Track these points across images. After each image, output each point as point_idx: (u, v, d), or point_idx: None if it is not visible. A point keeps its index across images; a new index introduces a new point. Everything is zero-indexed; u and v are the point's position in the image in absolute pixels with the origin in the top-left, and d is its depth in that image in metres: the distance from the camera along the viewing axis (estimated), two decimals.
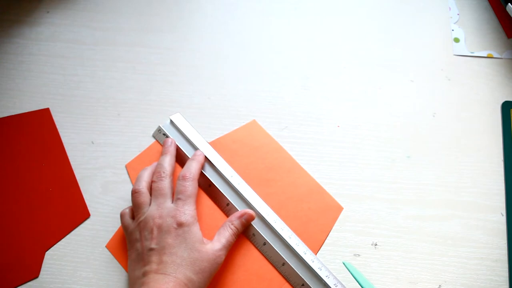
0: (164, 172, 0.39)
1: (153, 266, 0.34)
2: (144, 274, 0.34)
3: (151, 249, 0.35)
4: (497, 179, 0.44)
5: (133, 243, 0.37)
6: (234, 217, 0.39)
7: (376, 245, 0.41)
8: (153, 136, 0.44)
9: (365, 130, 0.46)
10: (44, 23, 0.50)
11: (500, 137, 0.46)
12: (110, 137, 0.45)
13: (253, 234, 0.40)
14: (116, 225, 0.41)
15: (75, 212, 0.41)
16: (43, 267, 0.39)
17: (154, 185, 0.39)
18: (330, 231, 0.41)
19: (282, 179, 0.43)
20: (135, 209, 0.38)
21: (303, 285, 0.38)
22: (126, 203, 0.42)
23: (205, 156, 0.42)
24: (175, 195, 0.38)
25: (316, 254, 0.40)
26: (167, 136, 0.44)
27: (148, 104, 0.46)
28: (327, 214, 0.41)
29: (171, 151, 0.42)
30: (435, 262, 0.40)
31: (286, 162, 0.44)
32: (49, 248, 0.40)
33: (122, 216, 0.39)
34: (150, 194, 0.39)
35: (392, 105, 0.47)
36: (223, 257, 0.37)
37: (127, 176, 0.43)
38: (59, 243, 0.40)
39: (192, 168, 0.40)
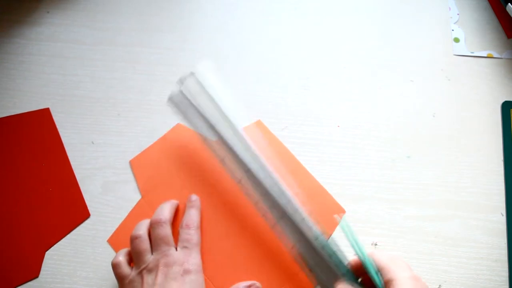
0: (164, 218, 0.38)
1: None
2: None
3: None
4: (497, 179, 0.44)
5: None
6: (241, 284, 0.38)
7: (376, 245, 0.41)
8: (169, 101, 0.41)
9: (365, 130, 0.46)
10: (44, 23, 0.50)
11: (500, 137, 0.46)
12: (110, 137, 0.45)
13: (264, 215, 0.38)
14: (117, 225, 0.41)
15: (75, 212, 0.41)
16: (43, 267, 0.39)
17: (154, 232, 0.37)
18: (332, 234, 0.41)
19: (285, 180, 0.42)
20: (136, 256, 0.36)
21: (310, 270, 0.36)
22: (126, 203, 0.42)
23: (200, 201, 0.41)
24: (180, 243, 0.37)
25: None
26: (187, 99, 0.40)
27: (148, 104, 0.46)
28: (329, 217, 0.41)
29: (172, 201, 0.41)
30: (435, 262, 0.40)
31: (290, 163, 0.44)
32: (49, 248, 0.40)
33: (116, 265, 0.36)
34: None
35: (392, 105, 0.47)
36: None
37: (127, 176, 0.43)
38: (59, 243, 0.40)
39: (193, 216, 0.39)
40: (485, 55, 0.50)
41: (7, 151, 0.44)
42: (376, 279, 0.32)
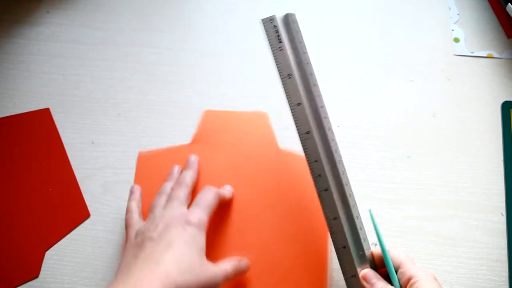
0: (185, 182, 0.39)
1: (147, 251, 0.33)
2: (134, 257, 0.33)
3: (151, 238, 0.34)
4: (497, 179, 0.44)
5: (133, 237, 0.35)
6: (235, 259, 0.37)
7: (376, 245, 0.41)
8: (262, 21, 0.39)
9: (365, 130, 0.46)
10: (44, 23, 0.50)
11: (500, 137, 0.46)
12: (110, 137, 0.45)
13: (319, 175, 0.36)
14: (117, 225, 0.41)
15: (75, 212, 0.41)
16: (43, 267, 0.39)
17: (174, 190, 0.38)
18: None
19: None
20: (151, 209, 0.37)
21: (344, 247, 0.35)
22: (126, 203, 0.42)
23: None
24: (194, 201, 0.37)
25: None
26: (277, 31, 0.38)
27: (148, 104, 0.46)
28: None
29: (194, 167, 0.41)
30: (435, 262, 0.40)
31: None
32: (49, 248, 0.40)
33: (128, 211, 0.38)
34: None
35: (392, 105, 0.47)
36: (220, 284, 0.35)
37: (127, 176, 0.43)
38: (59, 243, 0.40)
39: (221, 190, 0.40)
40: (485, 55, 0.50)
41: (7, 151, 0.44)
42: (395, 275, 0.32)
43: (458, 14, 0.52)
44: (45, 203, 0.42)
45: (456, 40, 0.50)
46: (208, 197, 0.37)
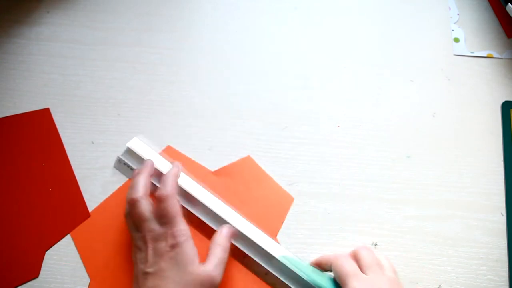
0: (138, 196, 0.37)
1: None
2: None
3: (146, 273, 0.35)
4: (497, 179, 0.44)
5: (134, 262, 0.37)
6: (217, 236, 0.38)
7: (376, 245, 0.41)
8: (115, 168, 0.43)
9: (365, 130, 0.46)
10: (44, 23, 0.50)
11: (500, 137, 0.46)
12: (110, 137, 0.45)
13: (239, 239, 0.39)
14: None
15: (75, 212, 0.41)
16: (43, 267, 0.39)
17: (131, 211, 0.37)
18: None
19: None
20: (137, 221, 0.36)
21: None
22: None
23: (179, 166, 0.41)
24: (159, 220, 0.36)
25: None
26: (129, 167, 0.42)
27: (148, 104, 0.46)
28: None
29: (145, 170, 0.40)
30: (435, 262, 0.40)
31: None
32: (49, 248, 0.40)
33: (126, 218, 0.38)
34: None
35: (392, 105, 0.47)
36: (219, 277, 0.35)
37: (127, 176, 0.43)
38: (59, 243, 0.40)
39: (167, 185, 0.37)
40: (485, 55, 0.50)
41: (7, 151, 0.43)
42: None
43: (458, 14, 0.52)
44: (45, 203, 0.41)
45: (456, 40, 0.50)
46: (166, 208, 0.36)
